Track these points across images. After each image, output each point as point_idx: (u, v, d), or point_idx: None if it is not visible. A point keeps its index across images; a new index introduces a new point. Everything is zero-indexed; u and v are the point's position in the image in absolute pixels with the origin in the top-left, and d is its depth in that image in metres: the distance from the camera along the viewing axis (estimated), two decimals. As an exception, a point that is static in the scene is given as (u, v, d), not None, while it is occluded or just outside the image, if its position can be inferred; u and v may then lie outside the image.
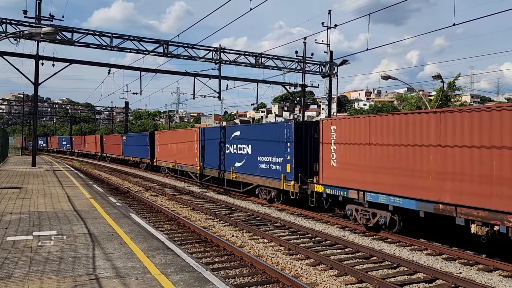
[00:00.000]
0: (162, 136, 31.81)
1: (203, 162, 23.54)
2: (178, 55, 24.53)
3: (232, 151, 20.26)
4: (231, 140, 20.38)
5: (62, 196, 14.12)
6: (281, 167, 16.46)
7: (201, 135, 24.06)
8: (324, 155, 13.79)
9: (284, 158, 16.34)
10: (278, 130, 16.80)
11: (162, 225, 13.17)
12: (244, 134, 19.37)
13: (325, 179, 13.75)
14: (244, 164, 19.20)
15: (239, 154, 19.54)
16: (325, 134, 13.78)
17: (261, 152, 17.82)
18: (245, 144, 19.02)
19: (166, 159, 29.95)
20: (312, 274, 8.52)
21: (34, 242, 7.57)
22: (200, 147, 23.96)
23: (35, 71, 25.16)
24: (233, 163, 20.07)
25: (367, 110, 71.18)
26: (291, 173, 15.81)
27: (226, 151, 20.76)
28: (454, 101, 37.65)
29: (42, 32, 15.62)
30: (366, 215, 12.31)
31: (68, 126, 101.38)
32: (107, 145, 49.17)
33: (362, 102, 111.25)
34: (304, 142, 15.97)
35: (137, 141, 37.69)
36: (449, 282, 8.02)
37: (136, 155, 37.92)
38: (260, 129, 18.51)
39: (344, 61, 28.42)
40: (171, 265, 6.24)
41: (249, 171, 18.74)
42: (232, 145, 20.32)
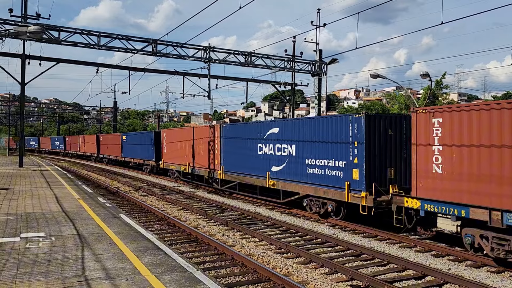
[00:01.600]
0: (170, 134, 27.47)
1: (225, 165, 19.86)
2: (167, 54, 24.40)
3: (267, 152, 16.69)
4: (266, 138, 16.71)
5: (50, 197, 13.94)
6: (344, 173, 12.93)
7: (223, 134, 20.17)
8: (420, 159, 10.37)
9: (348, 161, 12.80)
10: (339, 126, 13.23)
11: (152, 225, 13.09)
12: (285, 131, 15.70)
13: (422, 190, 10.33)
14: (284, 169, 15.62)
15: (278, 155, 15.99)
16: (422, 131, 10.34)
17: (311, 153, 14.29)
18: (287, 144, 15.47)
19: (175, 161, 25.84)
20: (303, 272, 8.54)
21: (22, 244, 7.47)
22: (222, 147, 20.21)
23: (22, 71, 24.81)
24: (268, 166, 16.52)
25: (356, 109, 71.63)
26: (361, 181, 12.26)
27: (259, 152, 17.15)
28: (442, 99, 38.14)
29: (28, 30, 15.39)
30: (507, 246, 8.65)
31: (55, 126, 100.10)
32: (104, 145, 44.96)
33: (351, 101, 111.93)
34: (378, 141, 12.50)
35: (140, 140, 33.64)
36: (438, 279, 8.11)
37: (138, 156, 33.91)
38: (310, 124, 14.54)
39: (333, 60, 28.56)
40: (161, 266, 6.21)
41: (292, 177, 15.18)
42: (267, 144, 16.70)
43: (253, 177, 17.51)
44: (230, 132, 19.72)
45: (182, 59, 25.10)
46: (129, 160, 36.57)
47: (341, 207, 13.50)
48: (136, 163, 34.96)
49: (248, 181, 17.95)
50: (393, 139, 12.61)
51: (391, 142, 12.57)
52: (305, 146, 14.66)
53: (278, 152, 16.04)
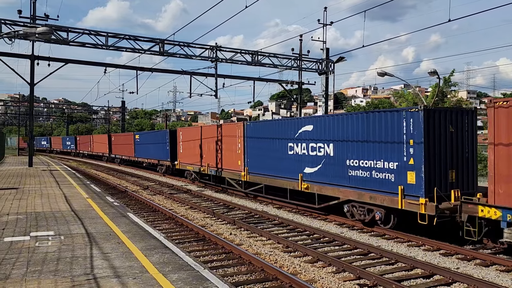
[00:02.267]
0: (186, 133, 26.16)
1: (250, 166, 18.46)
2: (174, 53, 24.49)
3: (299, 152, 15.17)
4: (299, 137, 15.18)
5: (59, 196, 14.08)
6: (397, 176, 11.34)
7: (246, 132, 18.73)
8: (501, 161, 9.08)
9: (402, 162, 11.19)
10: (389, 122, 11.59)
11: (160, 224, 13.16)
12: (320, 128, 14.16)
13: (503, 197, 9.00)
14: (320, 170, 14.12)
15: (312, 156, 14.48)
16: (503, 128, 9.07)
17: (354, 153, 12.76)
18: (323, 143, 13.98)
19: (192, 161, 24.50)
20: (310, 271, 8.54)
21: (32, 242, 7.55)
22: (245, 146, 18.79)
23: (31, 71, 25.06)
24: (301, 168, 15.05)
25: (363, 107, 71.32)
26: (419, 186, 10.69)
27: (289, 152, 15.67)
28: (451, 97, 37.78)
29: (37, 31, 15.55)
30: None
31: (64, 126, 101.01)
32: (116, 145, 43.73)
33: (359, 99, 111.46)
34: (437, 139, 10.98)
35: (154, 139, 32.17)
36: (447, 277, 8.05)
37: (152, 157, 32.57)
38: (353, 121, 12.89)
39: (341, 58, 28.44)
40: (169, 264, 6.24)
41: (330, 180, 13.69)
42: (299, 143, 15.17)
43: (283, 180, 16.02)
44: (255, 131, 18.27)
45: (189, 58, 25.19)
46: (142, 160, 35.32)
47: (391, 215, 11.76)
48: (150, 163, 33.66)
49: (277, 184, 16.41)
50: (454, 136, 11.22)
51: (451, 140, 11.14)
52: (345, 145, 13.12)
53: (313, 152, 14.50)
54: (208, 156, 22.46)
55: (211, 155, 22.13)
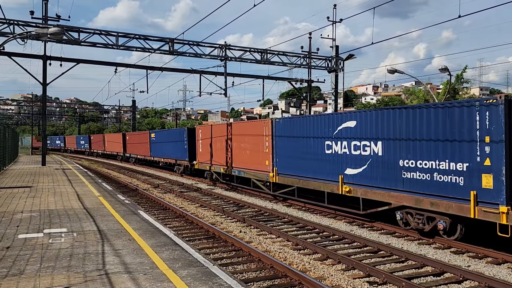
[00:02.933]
0: (206, 131, 24.46)
1: (279, 167, 16.98)
2: (184, 53, 24.63)
3: (338, 151, 13.69)
4: (338, 134, 13.67)
5: (72, 194, 14.30)
6: (467, 179, 9.74)
7: (275, 129, 17.33)
8: None
9: (474, 163, 9.59)
10: (457, 116, 10.05)
11: (171, 222, 13.28)
12: (366, 125, 12.60)
13: None
14: (365, 172, 12.59)
15: (355, 155, 12.98)
16: None
17: (410, 152, 11.10)
18: (369, 141, 12.44)
19: (213, 161, 23.32)
20: (320, 269, 8.56)
21: (45, 239, 7.70)
22: (274, 145, 17.34)
23: (43, 71, 25.44)
24: (341, 169, 13.55)
25: (374, 104, 70.87)
26: (498, 191, 9.07)
27: (326, 151, 14.17)
28: (462, 93, 37.35)
29: (49, 32, 15.79)
30: None
31: (76, 125, 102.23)
32: (131, 144, 42.67)
33: (369, 97, 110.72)
34: None
35: (171, 138, 30.92)
36: (457, 275, 8.00)
37: (169, 156, 31.37)
38: (408, 116, 11.22)
39: (350, 56, 28.31)
40: (179, 261, 6.32)
41: (377, 183, 12.13)
42: (338, 142, 13.68)
43: (319, 182, 14.51)
44: (284, 128, 16.77)
45: (198, 57, 25.31)
46: (158, 160, 34.19)
47: (457, 225, 10.29)
48: (167, 163, 32.47)
49: (312, 186, 14.94)
50: None
51: None
52: (398, 144, 11.49)
53: (356, 151, 12.94)
54: (231, 155, 21.08)
55: (234, 155, 20.82)
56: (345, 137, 13.44)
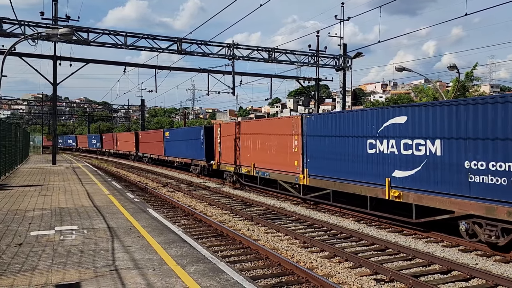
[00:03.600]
0: (226, 129, 22.93)
1: (310, 168, 15.56)
2: (192, 52, 24.78)
3: (384, 151, 12.17)
4: (384, 132, 12.16)
5: (82, 192, 14.50)
6: None
7: (306, 127, 15.87)
8: None
9: None
10: None
11: (179, 220, 13.41)
12: (419, 120, 11.06)
13: None
14: (419, 174, 11.03)
15: (405, 155, 11.41)
16: None
17: (479, 152, 9.62)
18: (424, 139, 10.90)
19: (233, 160, 21.86)
20: (327, 266, 8.60)
21: (56, 236, 7.86)
22: (304, 144, 15.91)
23: (53, 72, 25.77)
24: (387, 170, 12.06)
25: (383, 103, 70.51)
26: None
27: (369, 150, 12.69)
28: (472, 91, 37.00)
29: (59, 33, 16.02)
30: None
31: (86, 124, 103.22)
32: (144, 143, 41.56)
33: (378, 95, 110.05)
34: None
35: (186, 137, 29.60)
36: (465, 273, 7.99)
37: (184, 155, 30.03)
38: (476, 110, 9.75)
39: (358, 54, 28.23)
40: (186, 257, 6.42)
41: (435, 187, 10.55)
42: (384, 140, 12.12)
43: (360, 185, 12.99)
44: (317, 126, 15.25)
45: (206, 56, 25.43)
46: (173, 160, 32.81)
47: None
48: (182, 163, 31.02)
49: (350, 190, 13.45)
50: None
51: None
52: (463, 142, 9.98)
53: (406, 151, 11.41)
54: (255, 155, 19.65)
55: (258, 154, 19.40)
56: (393, 135, 11.87)
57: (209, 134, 25.58)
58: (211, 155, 25.08)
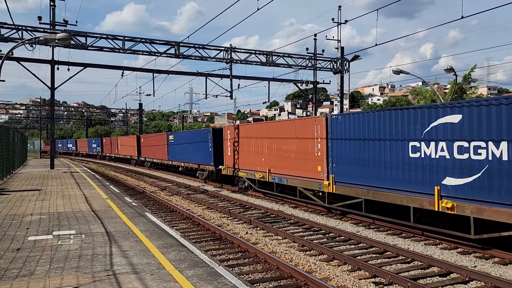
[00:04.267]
0: (236, 132, 21.39)
1: (337, 174, 14.03)
2: (189, 56, 24.82)
3: (431, 155, 10.57)
4: (431, 133, 10.63)
5: (80, 197, 14.47)
6: None
7: (332, 128, 14.27)
8: None
9: None
10: None
11: (177, 224, 13.38)
12: (478, 119, 9.65)
13: None
14: (478, 182, 9.56)
15: (460, 160, 9.94)
16: None
17: None
18: (485, 140, 9.45)
19: (246, 165, 20.26)
20: (326, 270, 8.59)
21: (54, 241, 7.83)
22: (330, 147, 14.31)
23: (51, 76, 25.75)
24: (436, 177, 10.49)
25: (380, 105, 70.71)
26: None
27: (411, 154, 11.09)
28: (470, 93, 37.13)
29: (57, 37, 16.03)
30: None
31: (84, 128, 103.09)
32: (146, 147, 40.13)
33: (376, 97, 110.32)
34: None
35: (192, 140, 28.14)
36: (464, 276, 7.99)
37: (190, 160, 28.49)
38: None
39: (356, 57, 28.31)
40: (185, 261, 6.41)
41: (500, 197, 9.13)
42: (431, 142, 10.60)
43: (401, 194, 11.36)
44: (345, 127, 13.67)
45: (204, 60, 25.49)
46: (178, 164, 31.22)
47: None
48: (187, 167, 29.34)
49: (388, 199, 11.83)
50: None
51: None
52: None
53: (461, 155, 9.91)
54: (270, 159, 18.07)
55: (273, 159, 17.82)
56: (443, 136, 10.39)
57: (217, 137, 24.16)
58: (219, 160, 23.72)
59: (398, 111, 11.82)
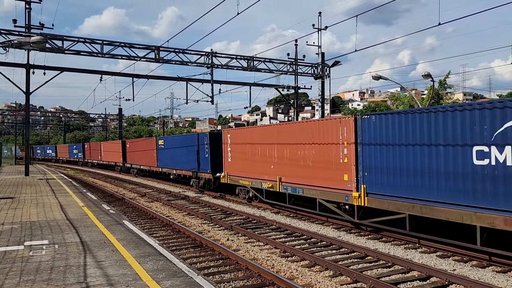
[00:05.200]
0: (239, 136, 19.08)
1: (369, 184, 11.82)
2: (170, 60, 24.56)
3: (507, 162, 8.61)
4: (504, 135, 8.68)
5: (55, 205, 14.02)
6: None
7: (362, 131, 12.05)
8: None
9: None
10: None
11: (156, 231, 13.10)
12: None
13: None
14: None
15: None
16: None
17: None
18: None
19: (250, 173, 17.80)
20: (307, 276, 8.50)
21: (25, 252, 7.51)
22: (360, 153, 12.10)
23: (26, 80, 25.06)
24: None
25: (360, 110, 71.63)
26: None
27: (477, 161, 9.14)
28: (446, 99, 37.98)
29: (31, 41, 15.59)
30: None
31: (61, 134, 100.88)
32: (132, 152, 37.65)
33: (356, 103, 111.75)
34: None
35: (186, 144, 25.72)
36: (443, 279, 8.03)
37: (183, 167, 26.05)
38: None
39: (336, 62, 28.56)
40: (162, 271, 6.21)
41: None
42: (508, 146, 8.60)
43: (460, 210, 9.36)
44: (381, 129, 11.43)
45: (185, 65, 25.25)
46: (168, 171, 28.84)
47: None
48: (180, 175, 26.91)
49: (444, 216, 9.74)
50: None
51: None
52: None
53: None
54: (281, 167, 15.72)
55: (285, 166, 15.44)
56: None
57: (215, 142, 21.87)
58: (217, 167, 21.50)
59: (455, 111, 9.63)
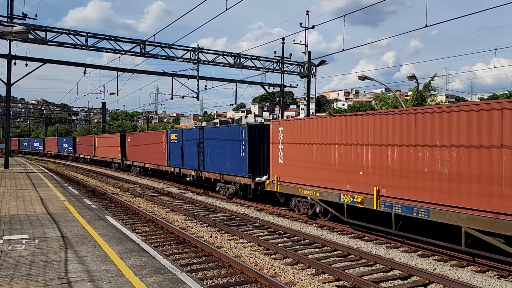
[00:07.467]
0: (302, 128, 14.03)
1: None
2: (155, 55, 24.27)
3: None
4: None
5: (35, 199, 13.74)
6: None
7: None
8: None
9: None
10: None
11: (140, 227, 12.97)
12: None
13: None
14: None
15: None
16: None
17: None
18: None
19: (318, 182, 13.18)
20: (290, 274, 8.54)
21: (4, 246, 7.34)
22: None
23: (7, 71, 24.44)
24: None
25: (345, 110, 72.24)
26: None
27: None
28: (430, 100, 38.61)
29: (14, 31, 15.23)
30: None
31: (43, 127, 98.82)
32: (134, 147, 32.43)
33: (341, 102, 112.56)
34: None
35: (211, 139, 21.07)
36: (424, 278, 8.17)
37: (207, 167, 21.31)
38: None
39: (322, 62, 28.69)
40: (145, 267, 6.15)
41: None
42: None
43: None
44: None
45: (171, 60, 24.99)
46: (186, 172, 23.66)
47: None
48: (200, 177, 22.06)
49: None
50: None
51: None
52: None
53: None
54: (381, 173, 10.97)
55: (389, 172, 10.71)
56: None
57: (254, 137, 17.66)
58: (258, 169, 17.55)
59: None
